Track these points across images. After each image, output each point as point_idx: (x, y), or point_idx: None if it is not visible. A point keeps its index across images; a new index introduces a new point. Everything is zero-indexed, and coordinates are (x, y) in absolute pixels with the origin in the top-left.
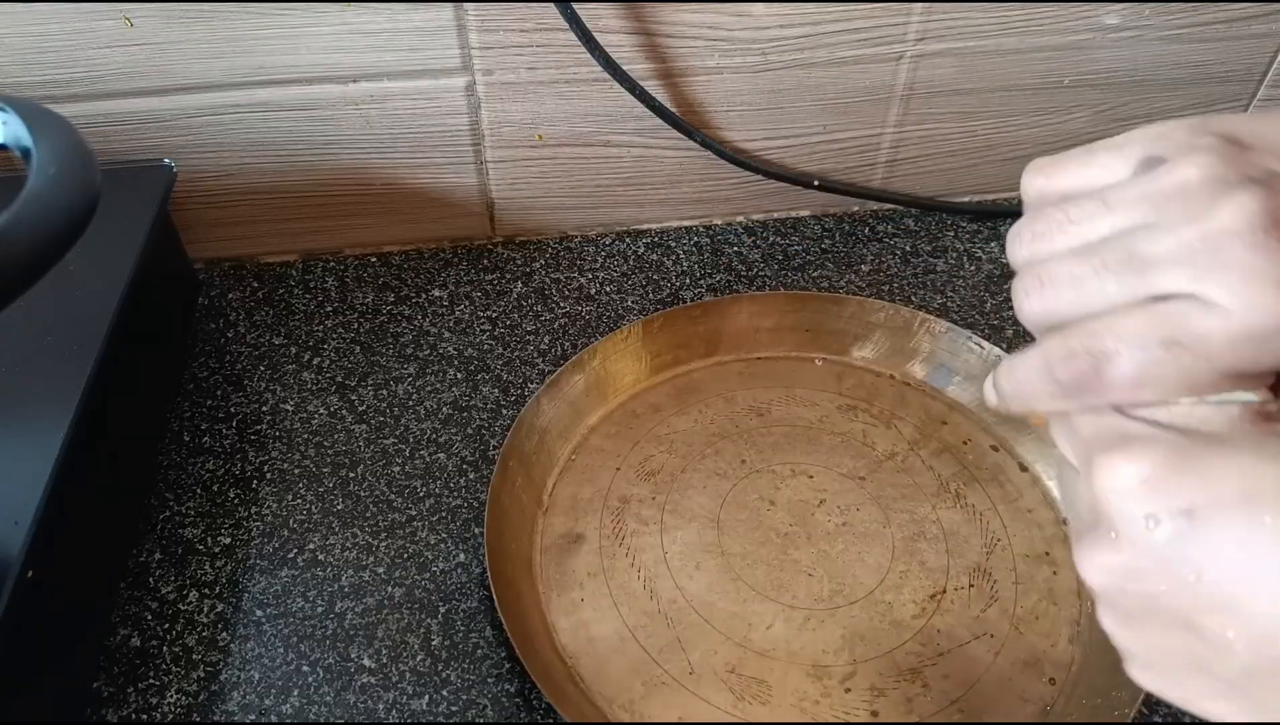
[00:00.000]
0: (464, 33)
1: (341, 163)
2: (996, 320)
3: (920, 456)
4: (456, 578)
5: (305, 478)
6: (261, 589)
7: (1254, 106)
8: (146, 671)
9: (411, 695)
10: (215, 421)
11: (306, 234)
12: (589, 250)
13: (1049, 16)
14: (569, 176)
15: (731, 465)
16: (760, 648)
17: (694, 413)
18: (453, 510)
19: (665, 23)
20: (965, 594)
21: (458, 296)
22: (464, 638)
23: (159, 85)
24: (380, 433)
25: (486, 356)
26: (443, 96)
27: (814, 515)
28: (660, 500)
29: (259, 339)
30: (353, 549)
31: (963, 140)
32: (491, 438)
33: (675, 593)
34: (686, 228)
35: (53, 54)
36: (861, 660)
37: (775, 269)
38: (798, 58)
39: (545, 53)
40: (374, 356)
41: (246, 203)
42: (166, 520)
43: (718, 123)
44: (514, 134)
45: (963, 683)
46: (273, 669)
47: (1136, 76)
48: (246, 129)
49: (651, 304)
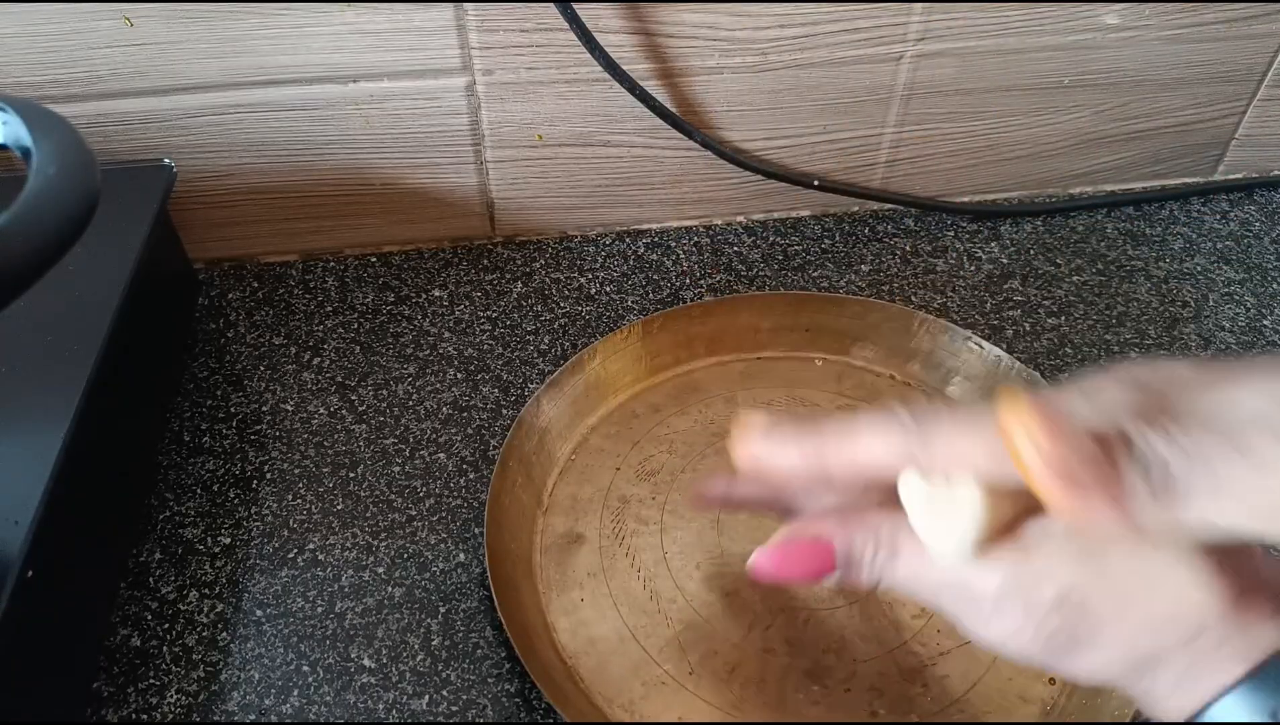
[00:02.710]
0: (464, 33)
1: (341, 163)
2: (996, 320)
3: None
4: (456, 578)
5: (305, 478)
6: (261, 589)
7: (1254, 106)
8: (146, 671)
9: (411, 695)
10: (215, 421)
11: (306, 234)
12: (589, 250)
13: (1049, 16)
14: (569, 176)
15: (732, 465)
16: (760, 648)
17: (694, 413)
18: (453, 510)
19: (665, 23)
20: None
21: (458, 296)
22: (464, 638)
23: (159, 85)
24: (380, 433)
25: (486, 356)
26: (443, 96)
27: None
28: (660, 500)
29: (259, 339)
30: (353, 549)
31: (963, 140)
32: (491, 438)
33: (675, 593)
34: (686, 228)
35: (53, 54)
36: (861, 660)
37: (775, 269)
38: (798, 58)
39: (545, 53)
40: (374, 356)
41: (246, 203)
42: (166, 520)
43: (718, 123)
44: (514, 134)
45: (963, 683)
46: (273, 669)
47: (1136, 76)
48: (246, 129)
49: (651, 304)
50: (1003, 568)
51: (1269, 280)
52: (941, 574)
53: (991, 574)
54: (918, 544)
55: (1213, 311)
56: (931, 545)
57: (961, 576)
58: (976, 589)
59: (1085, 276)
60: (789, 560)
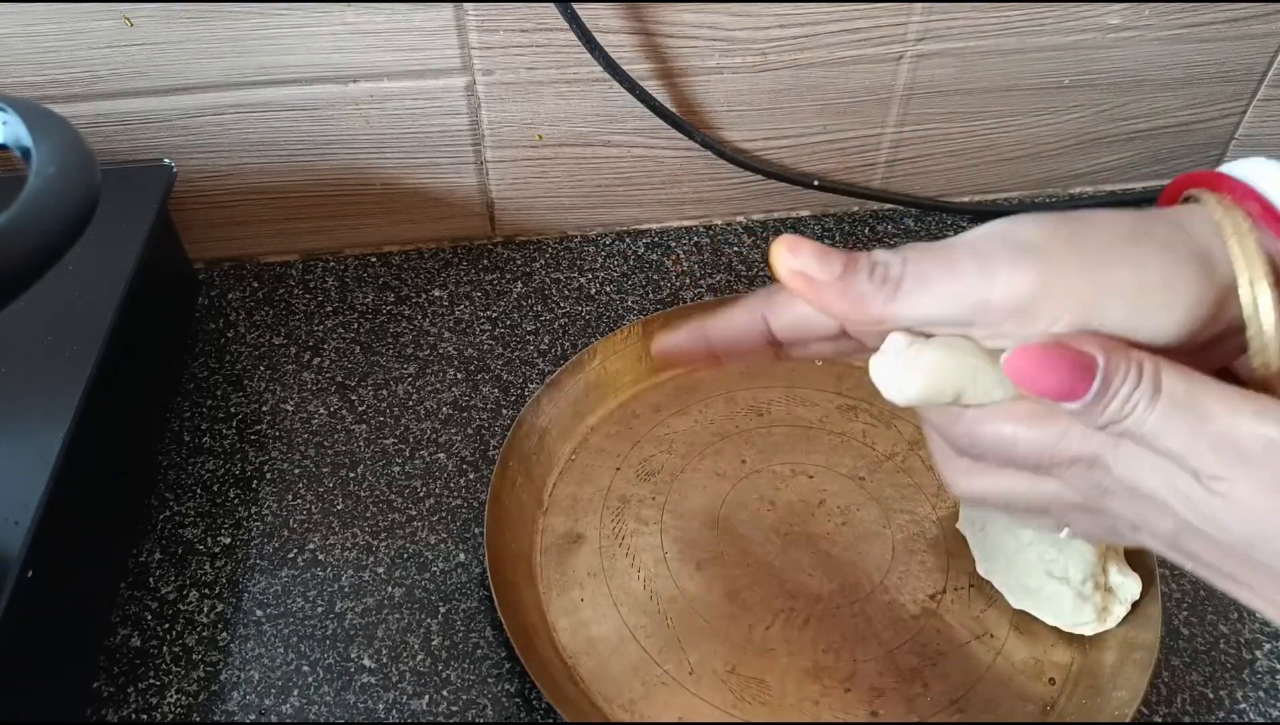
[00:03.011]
0: (464, 33)
1: (341, 163)
2: None
3: (920, 456)
4: (456, 578)
5: (305, 478)
6: (261, 589)
7: (1254, 107)
8: (146, 671)
9: (411, 695)
10: (215, 421)
11: (306, 234)
12: (589, 250)
13: (1049, 16)
14: (569, 176)
15: (731, 465)
16: (760, 648)
17: (694, 413)
18: (453, 510)
19: (665, 23)
20: (965, 594)
21: (458, 296)
22: (464, 638)
23: (159, 85)
24: (380, 433)
25: (486, 356)
26: (443, 96)
27: (814, 515)
28: (660, 500)
29: (259, 339)
30: (353, 549)
31: (963, 140)
32: (491, 438)
33: (675, 593)
34: (686, 228)
35: (53, 54)
36: (861, 660)
37: None
38: (798, 58)
39: (545, 53)
40: (374, 356)
41: (246, 203)
42: (166, 520)
43: (718, 123)
44: (514, 134)
45: (963, 683)
46: (273, 669)
47: (1136, 76)
48: (246, 129)
49: (651, 304)
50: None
51: None
52: (1211, 425)
53: (1271, 426)
54: (1189, 383)
55: None
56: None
57: (1234, 428)
58: (1255, 444)
59: None
60: (1047, 365)
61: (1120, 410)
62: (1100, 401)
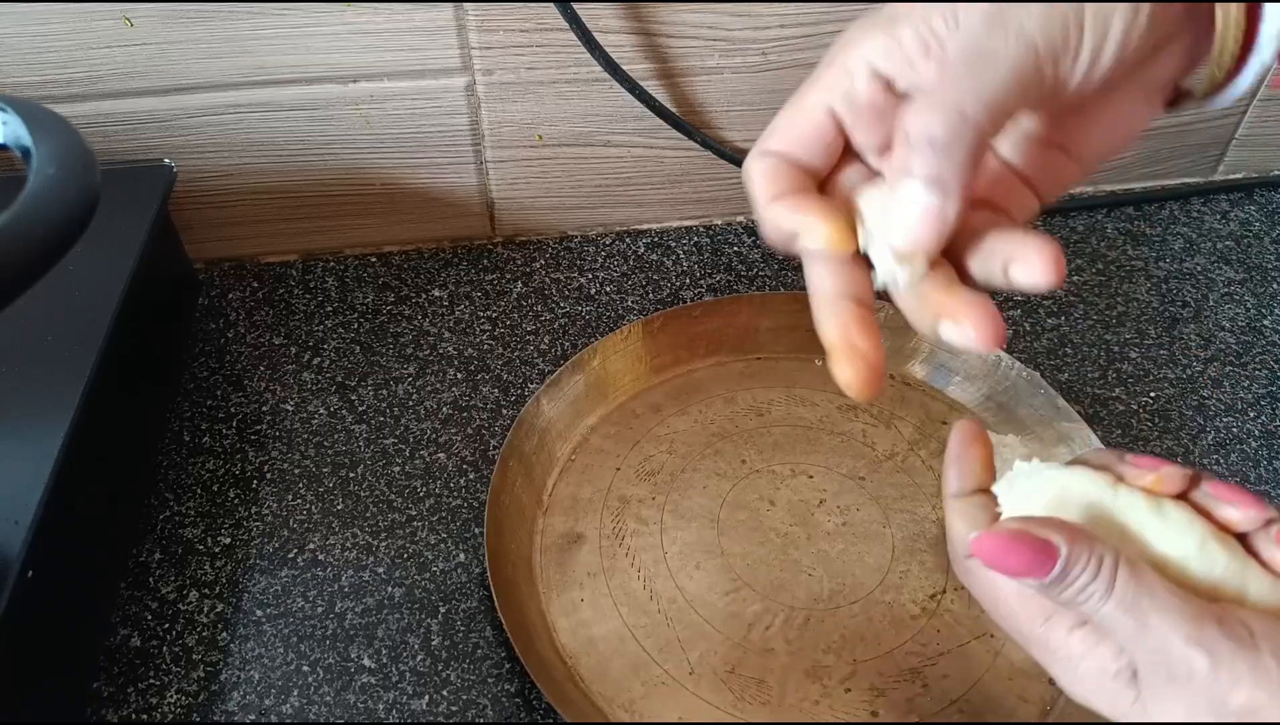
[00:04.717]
0: (464, 33)
1: (341, 163)
2: None
3: (920, 456)
4: (456, 578)
5: (305, 478)
6: (261, 589)
7: (1254, 106)
8: (146, 671)
9: (411, 695)
10: (215, 421)
11: (306, 234)
12: (589, 250)
13: None
14: (569, 176)
15: (731, 465)
16: (760, 648)
17: (694, 413)
18: (453, 510)
19: (665, 23)
20: (965, 594)
21: (458, 296)
22: (464, 638)
23: (159, 85)
24: (380, 433)
25: (486, 356)
26: (443, 96)
27: (814, 515)
28: (660, 500)
29: (259, 339)
30: (353, 549)
31: None
32: (491, 438)
33: (675, 593)
34: (686, 228)
35: (53, 54)
36: (861, 660)
37: (775, 269)
38: (798, 58)
39: (545, 53)
40: (374, 356)
41: (246, 203)
42: (166, 520)
43: (718, 123)
44: (514, 134)
45: (963, 683)
46: (273, 669)
47: None
48: (246, 129)
49: (651, 304)
50: (1220, 650)
51: (1269, 280)
52: (1148, 638)
53: (1199, 654)
54: (1137, 591)
55: (1213, 311)
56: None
57: (1167, 646)
58: (1180, 668)
59: (1085, 276)
60: (1010, 552)
61: (1076, 596)
62: (1058, 585)
